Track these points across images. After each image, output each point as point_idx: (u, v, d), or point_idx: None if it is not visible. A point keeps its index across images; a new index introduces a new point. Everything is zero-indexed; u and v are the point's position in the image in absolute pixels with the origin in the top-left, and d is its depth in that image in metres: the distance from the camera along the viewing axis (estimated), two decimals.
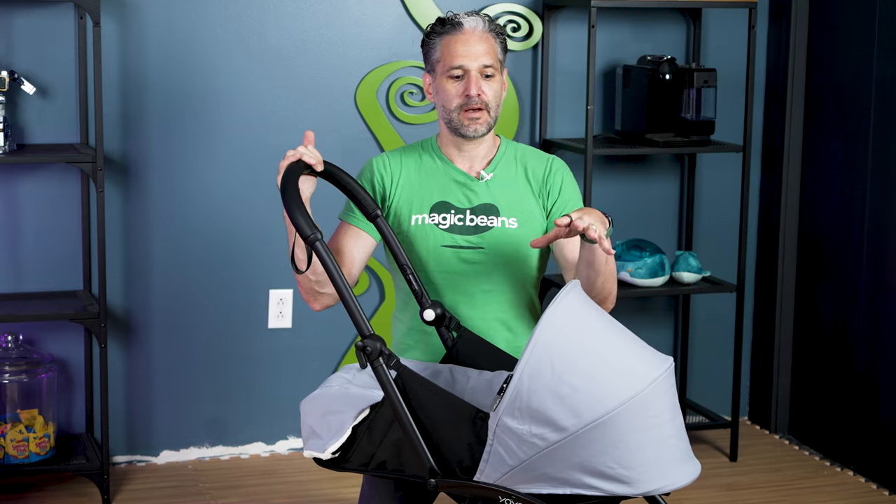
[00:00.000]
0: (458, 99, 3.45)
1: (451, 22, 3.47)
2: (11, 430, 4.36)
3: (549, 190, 3.54)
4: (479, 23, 3.47)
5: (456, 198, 3.49)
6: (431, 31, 3.50)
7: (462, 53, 3.45)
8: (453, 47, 3.46)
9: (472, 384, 3.31)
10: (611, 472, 2.80)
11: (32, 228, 4.55)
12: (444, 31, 3.47)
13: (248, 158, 4.72)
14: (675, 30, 5.08)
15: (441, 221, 3.49)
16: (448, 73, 3.46)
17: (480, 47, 3.46)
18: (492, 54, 3.46)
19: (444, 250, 3.47)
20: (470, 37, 3.46)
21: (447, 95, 3.46)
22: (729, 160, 5.14)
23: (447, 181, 3.52)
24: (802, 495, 4.63)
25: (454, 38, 3.46)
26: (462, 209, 3.48)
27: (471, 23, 3.47)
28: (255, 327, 4.82)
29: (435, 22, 3.50)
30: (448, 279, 3.48)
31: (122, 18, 4.53)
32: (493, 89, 3.47)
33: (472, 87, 3.43)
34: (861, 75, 4.79)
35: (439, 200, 3.50)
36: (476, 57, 3.45)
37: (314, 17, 4.72)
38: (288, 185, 3.09)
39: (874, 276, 4.76)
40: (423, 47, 3.53)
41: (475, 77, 3.44)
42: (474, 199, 3.49)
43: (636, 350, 2.94)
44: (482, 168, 3.53)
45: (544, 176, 3.55)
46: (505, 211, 3.49)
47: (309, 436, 3.13)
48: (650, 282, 4.81)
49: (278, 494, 4.51)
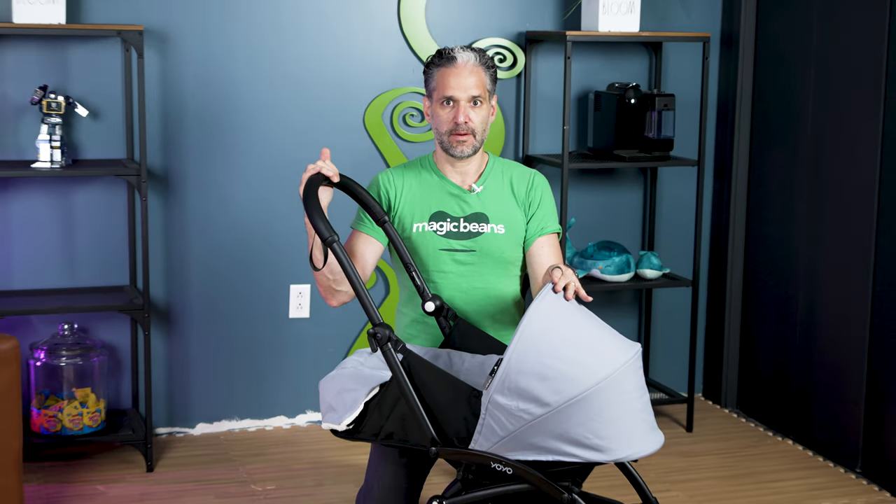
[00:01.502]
0: (449, 124, 3.46)
1: (447, 56, 3.48)
2: (68, 405, 4.35)
3: (531, 202, 3.56)
4: (471, 57, 3.47)
5: (451, 208, 3.50)
6: (430, 62, 3.51)
7: (453, 85, 3.45)
8: (446, 79, 3.46)
9: (467, 366, 3.31)
10: (587, 441, 2.80)
11: (85, 232, 4.54)
12: (441, 63, 3.48)
13: (272, 172, 4.70)
14: (639, 61, 5.07)
15: (438, 228, 3.49)
16: (441, 101, 3.47)
17: (470, 80, 3.46)
18: (480, 86, 3.47)
19: (442, 253, 3.48)
20: (462, 70, 3.46)
21: (440, 120, 3.48)
22: (685, 173, 5.13)
23: (443, 193, 3.53)
24: (749, 461, 4.63)
25: (448, 71, 3.47)
26: (456, 217, 3.50)
27: (464, 57, 3.47)
28: (278, 317, 4.80)
29: (434, 54, 3.51)
30: (445, 277, 3.49)
31: (163, 52, 4.51)
32: (479, 116, 3.48)
33: (459, 115, 3.45)
34: (799, 100, 4.78)
35: (437, 210, 3.51)
36: (465, 88, 3.45)
37: (328, 50, 4.71)
38: (309, 194, 3.09)
39: (810, 271, 4.75)
40: (424, 75, 3.54)
41: (463, 106, 3.45)
42: (467, 208, 3.51)
43: (608, 337, 2.94)
44: (473, 182, 3.54)
45: (527, 189, 3.57)
46: (494, 219, 3.51)
47: (327, 410, 3.12)
48: (618, 278, 4.80)
49: (298, 461, 4.50)
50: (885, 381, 4.39)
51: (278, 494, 4.19)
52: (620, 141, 4.77)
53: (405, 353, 2.98)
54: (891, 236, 4.33)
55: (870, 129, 4.40)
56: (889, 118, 4.32)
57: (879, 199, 4.37)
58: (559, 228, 3.57)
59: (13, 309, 4.22)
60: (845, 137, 4.55)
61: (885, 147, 4.34)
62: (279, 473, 4.37)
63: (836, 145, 4.60)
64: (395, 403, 3.00)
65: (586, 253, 4.85)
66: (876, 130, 4.37)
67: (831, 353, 4.65)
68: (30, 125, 4.38)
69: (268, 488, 4.25)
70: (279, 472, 4.39)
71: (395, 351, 2.97)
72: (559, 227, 3.57)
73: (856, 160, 4.48)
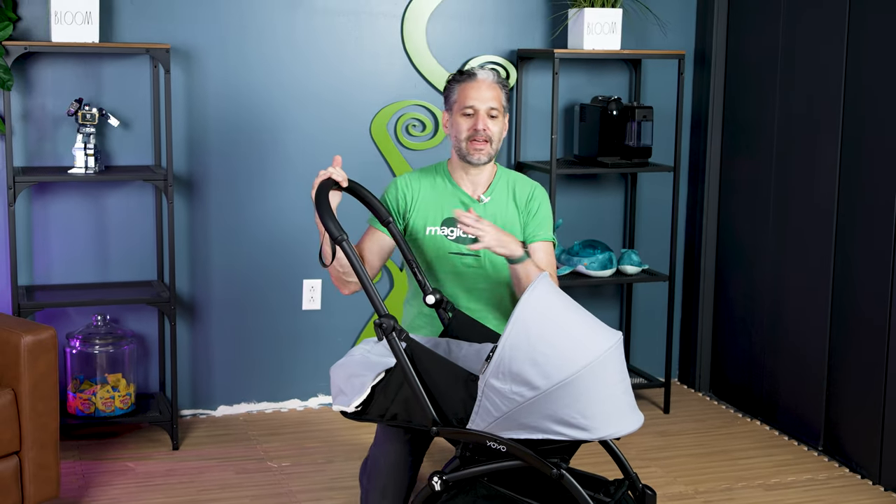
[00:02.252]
0: (468, 132, 3.51)
1: (468, 73, 3.55)
2: (101, 389, 4.36)
3: (528, 211, 3.60)
4: (490, 75, 3.54)
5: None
6: (452, 78, 3.56)
7: (474, 97, 3.50)
8: (468, 92, 3.51)
9: (465, 353, 3.32)
10: (574, 421, 2.81)
11: (117, 232, 4.55)
12: (462, 79, 3.53)
13: (287, 177, 4.72)
14: (620, 76, 5.08)
15: (449, 233, 3.53)
16: (462, 111, 3.51)
17: (489, 93, 3.50)
18: (497, 100, 3.52)
19: (451, 256, 3.51)
20: (482, 84, 3.51)
21: (459, 128, 3.52)
22: (662, 178, 5.14)
23: (455, 201, 3.57)
24: (721, 440, 4.64)
25: (469, 85, 3.52)
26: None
27: (483, 74, 3.53)
28: (292, 309, 4.81)
29: (456, 72, 3.58)
30: (452, 278, 3.54)
31: (188, 67, 4.53)
32: (496, 127, 3.52)
33: (479, 122, 3.49)
34: (766, 111, 4.80)
35: (449, 216, 3.54)
36: (485, 101, 3.50)
37: (338, 66, 4.72)
38: (320, 196, 3.11)
39: (775, 267, 4.77)
40: (445, 91, 3.59)
41: (483, 116, 3.50)
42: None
43: (593, 326, 2.95)
44: (483, 191, 3.59)
45: (527, 201, 3.61)
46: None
47: (337, 393, 3.14)
48: (601, 273, 4.81)
49: (311, 440, 4.51)
50: (843, 368, 4.41)
51: (292, 470, 4.21)
52: (603, 149, 4.78)
53: (408, 341, 3.00)
54: (848, 237, 4.35)
55: (830, 138, 4.42)
56: (847, 128, 4.34)
57: (838, 202, 4.39)
58: (552, 238, 3.60)
59: (51, 301, 4.23)
60: (808, 146, 4.56)
61: (843, 155, 4.36)
62: (293, 451, 4.39)
63: (799, 153, 4.62)
64: (399, 387, 3.02)
65: (572, 251, 4.87)
66: (835, 139, 4.39)
67: (795, 342, 4.67)
68: (66, 134, 4.39)
69: (283, 465, 4.26)
70: (293, 450, 4.41)
71: (399, 339, 2.99)
72: (552, 237, 3.60)
73: (817, 166, 4.50)
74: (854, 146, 4.31)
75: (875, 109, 4.20)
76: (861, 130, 4.27)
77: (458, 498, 3.05)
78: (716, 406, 5.07)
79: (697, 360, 5.25)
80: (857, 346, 4.32)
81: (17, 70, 4.29)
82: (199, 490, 4.01)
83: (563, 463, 2.91)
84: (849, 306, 4.35)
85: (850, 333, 4.35)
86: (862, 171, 4.27)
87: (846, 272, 4.36)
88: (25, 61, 4.32)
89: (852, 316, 4.33)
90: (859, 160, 4.28)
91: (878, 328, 4.19)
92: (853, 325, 4.33)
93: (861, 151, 4.27)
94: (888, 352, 4.14)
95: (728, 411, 5.00)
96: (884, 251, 4.15)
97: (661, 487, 4.08)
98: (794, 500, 4.03)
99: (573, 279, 4.75)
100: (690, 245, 5.27)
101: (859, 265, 4.29)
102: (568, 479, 2.88)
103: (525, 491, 3.01)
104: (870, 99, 4.23)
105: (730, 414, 4.97)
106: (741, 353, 5.02)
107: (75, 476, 4.08)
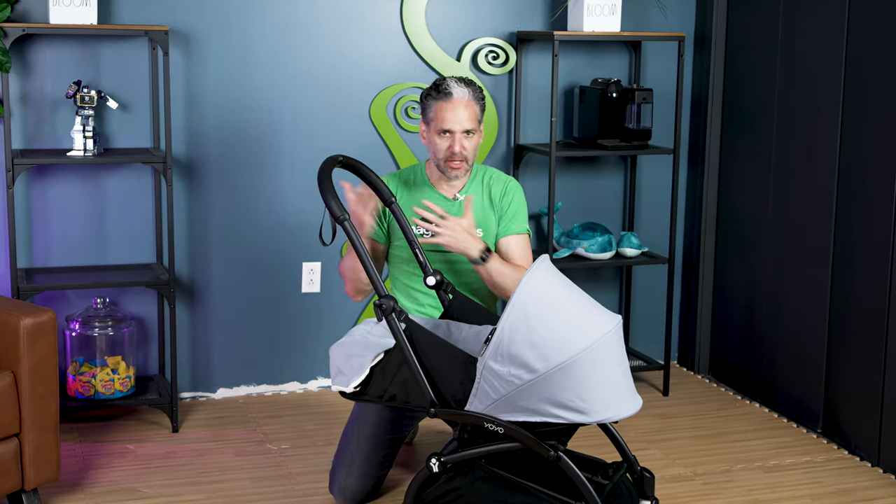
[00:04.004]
0: (445, 152, 3.63)
1: (444, 91, 3.62)
2: (100, 372, 4.36)
3: (501, 206, 3.73)
4: (466, 93, 3.62)
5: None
6: (428, 94, 3.68)
7: (450, 119, 3.60)
8: (444, 114, 3.61)
9: (464, 335, 3.33)
10: (572, 404, 2.81)
11: (116, 214, 4.54)
12: (439, 97, 3.63)
13: (286, 159, 4.71)
14: (620, 58, 5.07)
15: (425, 232, 3.63)
16: (438, 132, 3.61)
17: (465, 113, 3.61)
18: (473, 119, 3.64)
19: (430, 253, 3.66)
20: (458, 105, 3.60)
21: (437, 148, 3.64)
22: (662, 160, 5.14)
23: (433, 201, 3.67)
24: (720, 422, 4.64)
25: (445, 105, 3.61)
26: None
27: (459, 93, 3.61)
28: (291, 292, 4.81)
29: (431, 87, 3.66)
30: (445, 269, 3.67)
31: (187, 50, 4.52)
32: (471, 144, 3.65)
33: (455, 145, 3.62)
34: (766, 93, 4.79)
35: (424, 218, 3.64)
36: (461, 122, 3.61)
37: (337, 48, 4.71)
38: (323, 177, 3.11)
39: (775, 250, 4.77)
40: (421, 104, 3.69)
41: (459, 138, 3.61)
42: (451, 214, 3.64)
43: (592, 309, 2.96)
44: (457, 192, 3.72)
45: (500, 196, 3.73)
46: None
47: (336, 374, 3.14)
48: (601, 256, 4.81)
49: (310, 422, 4.51)
50: (842, 350, 4.41)
51: (291, 452, 4.21)
52: (603, 131, 4.78)
53: (407, 322, 3.00)
54: (848, 219, 4.34)
55: (831, 121, 4.41)
56: (848, 110, 4.33)
57: (838, 184, 4.39)
58: (527, 230, 3.71)
59: (51, 284, 4.23)
60: (808, 127, 4.56)
61: (843, 137, 4.36)
62: (293, 434, 4.39)
63: (799, 135, 4.61)
64: (398, 368, 3.03)
65: (572, 233, 4.87)
66: (836, 121, 4.38)
67: (794, 325, 4.67)
68: (65, 117, 4.38)
69: (282, 447, 4.26)
70: (293, 432, 4.41)
71: (399, 320, 3.00)
72: (527, 229, 3.71)
73: (818, 148, 4.50)
74: (855, 128, 4.30)
75: (876, 92, 4.19)
76: (862, 113, 4.26)
77: (456, 479, 3.06)
78: (715, 388, 5.07)
79: (697, 342, 5.25)
80: (856, 329, 4.32)
81: (15, 52, 4.28)
82: (198, 472, 4.02)
83: (560, 445, 2.92)
84: (848, 288, 4.35)
85: (849, 316, 4.35)
86: (862, 154, 4.26)
87: (846, 254, 4.36)
88: (24, 43, 4.31)
89: (852, 298, 4.33)
90: (860, 142, 4.27)
91: (877, 310, 4.19)
92: (852, 308, 4.33)
93: (862, 134, 4.27)
94: (887, 334, 4.14)
95: (727, 394, 5.00)
96: (883, 233, 4.15)
97: (659, 470, 4.08)
98: (793, 482, 4.03)
99: (572, 262, 4.75)
100: (690, 228, 5.27)
101: (859, 247, 4.29)
102: (565, 462, 2.89)
103: (523, 473, 3.02)
104: (871, 81, 4.21)
105: (729, 396, 4.97)
106: (740, 336, 5.02)
107: (75, 458, 4.09)
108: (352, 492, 3.62)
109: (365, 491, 3.63)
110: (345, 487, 3.62)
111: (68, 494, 3.79)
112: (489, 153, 4.91)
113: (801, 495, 3.92)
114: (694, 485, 3.99)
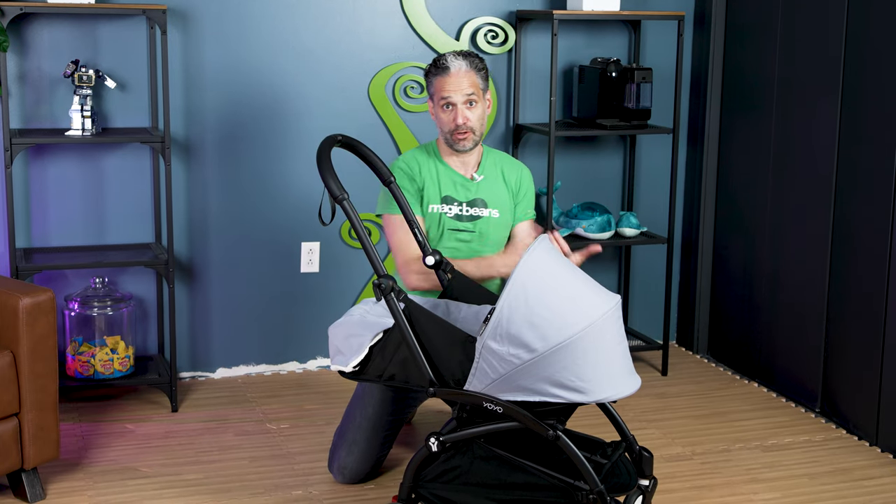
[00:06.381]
0: (450, 125, 3.70)
1: (441, 65, 3.73)
2: (100, 352, 4.36)
3: (518, 192, 3.84)
4: (463, 64, 3.71)
5: (457, 193, 3.75)
6: (428, 71, 3.81)
7: (449, 90, 3.68)
8: (443, 85, 3.70)
9: (463, 315, 3.33)
10: (571, 384, 2.82)
11: (114, 194, 4.54)
12: (437, 72, 3.75)
13: (285, 138, 4.70)
14: (619, 37, 5.06)
15: (447, 210, 3.73)
16: (441, 105, 3.68)
17: (464, 82, 3.68)
18: (474, 86, 3.69)
19: (450, 232, 3.73)
20: (455, 76, 3.68)
21: (442, 122, 3.72)
22: (662, 140, 5.14)
23: (448, 180, 3.76)
24: (718, 402, 4.65)
25: (443, 79, 3.70)
26: (461, 202, 3.74)
27: (455, 65, 3.70)
28: (290, 271, 4.81)
29: (431, 63, 3.74)
30: (450, 251, 3.72)
31: (185, 29, 4.51)
32: (476, 114, 3.71)
33: (458, 116, 3.68)
34: (765, 73, 4.78)
35: (446, 194, 3.74)
36: (461, 91, 3.67)
37: (336, 27, 4.69)
38: (322, 156, 3.10)
39: (774, 229, 4.77)
40: (425, 81, 3.77)
41: (461, 109, 3.67)
42: (469, 194, 3.76)
43: (591, 289, 2.95)
44: (473, 171, 3.79)
45: (517, 182, 3.85)
46: (491, 204, 3.78)
47: (335, 353, 3.14)
48: (600, 235, 4.81)
49: (309, 402, 4.52)
50: (841, 330, 4.41)
51: (291, 432, 4.22)
52: (602, 111, 4.77)
53: (406, 301, 3.00)
54: (847, 198, 4.34)
55: (831, 99, 4.40)
56: (847, 89, 4.33)
57: (837, 164, 4.38)
58: (534, 214, 3.88)
59: (49, 264, 4.23)
60: (807, 107, 4.55)
61: (843, 116, 4.35)
62: (292, 413, 4.40)
63: (798, 114, 4.61)
64: (397, 348, 3.03)
65: (571, 213, 4.86)
66: (836, 100, 4.37)
67: (793, 305, 4.67)
68: (63, 96, 4.37)
69: (281, 427, 4.27)
70: (292, 412, 4.41)
71: (398, 300, 2.99)
72: (534, 213, 3.88)
73: (817, 127, 4.49)
74: (854, 107, 4.29)
75: (876, 70, 4.18)
76: (861, 91, 4.25)
77: (455, 458, 3.06)
78: (714, 368, 5.08)
79: (696, 322, 5.25)
80: (855, 308, 4.32)
81: (12, 31, 4.27)
82: (197, 451, 4.02)
83: (559, 425, 2.92)
84: (847, 268, 4.35)
85: (848, 295, 4.35)
86: (862, 133, 4.26)
87: (845, 234, 4.35)
88: (21, 22, 4.29)
89: (850, 277, 4.33)
90: (859, 121, 4.27)
91: (876, 290, 4.19)
92: (851, 287, 4.33)
93: (861, 112, 4.26)
94: (886, 314, 4.14)
95: (726, 373, 5.01)
96: (883, 213, 4.14)
97: (658, 449, 4.09)
98: (792, 461, 4.04)
99: (571, 242, 4.73)
100: (689, 207, 5.26)
101: (858, 227, 4.29)
102: (564, 441, 2.89)
103: (521, 452, 3.02)
104: (871, 60, 4.20)
105: (727, 376, 4.98)
106: (739, 316, 5.02)
107: (75, 438, 4.09)
108: (351, 471, 3.64)
109: (364, 471, 3.64)
110: (344, 466, 3.64)
111: (68, 474, 3.80)
112: (488, 133, 4.90)
113: (799, 474, 3.93)
114: (692, 464, 4.00)
